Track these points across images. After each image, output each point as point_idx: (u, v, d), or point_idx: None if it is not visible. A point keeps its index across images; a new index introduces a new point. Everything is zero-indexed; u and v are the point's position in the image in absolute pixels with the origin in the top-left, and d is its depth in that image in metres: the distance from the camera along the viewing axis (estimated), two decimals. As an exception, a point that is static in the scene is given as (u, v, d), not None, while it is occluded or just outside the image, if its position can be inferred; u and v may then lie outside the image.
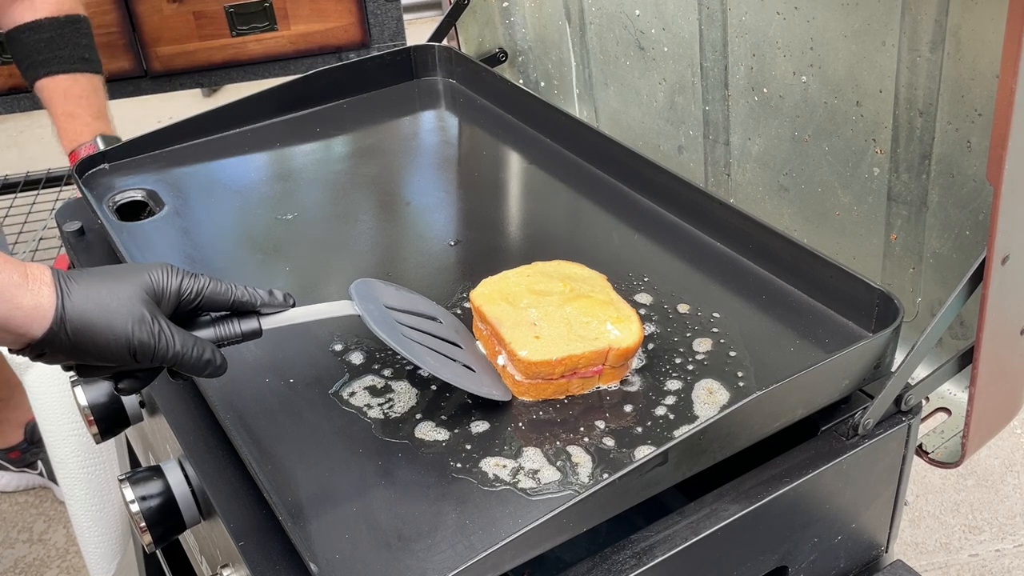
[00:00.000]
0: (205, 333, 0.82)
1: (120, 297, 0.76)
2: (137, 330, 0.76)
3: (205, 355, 0.80)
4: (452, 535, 0.77)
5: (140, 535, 0.89)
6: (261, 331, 0.84)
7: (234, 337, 0.83)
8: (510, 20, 1.53)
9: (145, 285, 0.78)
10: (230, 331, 0.83)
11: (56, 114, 1.57)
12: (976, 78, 0.93)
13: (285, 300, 0.85)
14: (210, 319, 0.83)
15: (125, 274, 0.79)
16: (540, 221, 1.20)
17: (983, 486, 2.12)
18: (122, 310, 0.76)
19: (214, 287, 0.82)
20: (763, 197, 1.24)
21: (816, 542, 0.90)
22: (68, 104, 1.56)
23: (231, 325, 0.83)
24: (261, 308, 0.84)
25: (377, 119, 1.41)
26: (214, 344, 0.82)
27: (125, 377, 0.81)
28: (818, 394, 0.86)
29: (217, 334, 0.82)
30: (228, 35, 2.18)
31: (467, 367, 0.91)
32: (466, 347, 0.94)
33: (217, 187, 1.27)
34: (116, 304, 0.76)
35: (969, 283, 0.84)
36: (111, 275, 0.78)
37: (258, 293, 0.84)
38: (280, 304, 0.85)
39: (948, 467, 0.97)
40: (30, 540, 2.15)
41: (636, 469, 0.76)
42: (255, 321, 0.84)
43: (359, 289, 0.89)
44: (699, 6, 1.21)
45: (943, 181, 1.01)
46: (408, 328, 0.90)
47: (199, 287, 0.81)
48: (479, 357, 0.94)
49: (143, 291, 0.78)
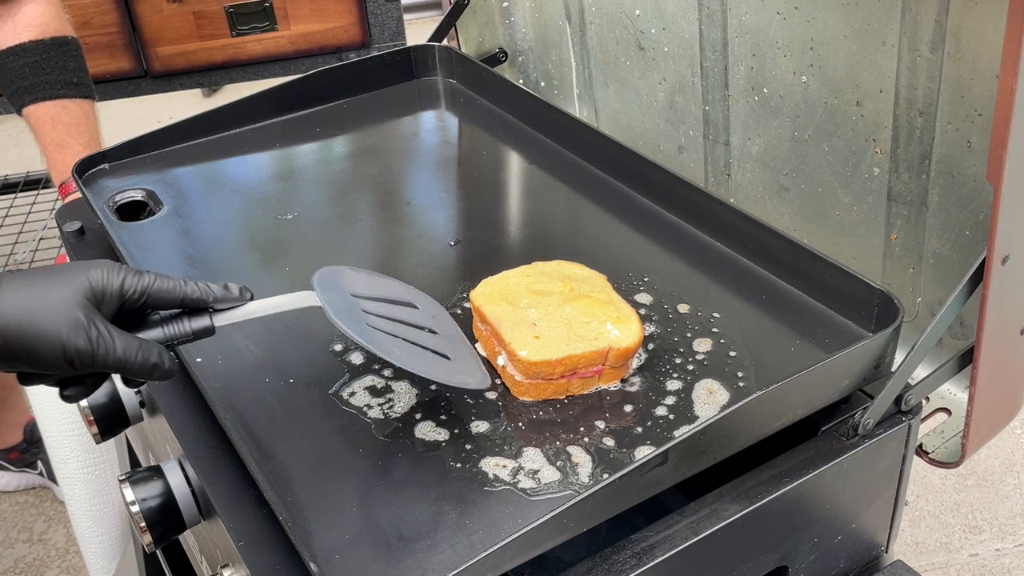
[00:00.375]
0: (152, 334, 0.78)
1: (53, 302, 0.72)
2: (72, 336, 0.72)
3: (151, 359, 0.76)
4: (452, 535, 0.77)
5: (140, 535, 0.89)
6: (214, 328, 0.80)
7: (184, 336, 0.79)
8: (510, 20, 1.53)
9: (82, 287, 0.74)
10: (179, 330, 0.79)
11: (45, 144, 1.48)
12: (976, 78, 0.93)
13: (241, 294, 0.81)
14: (159, 318, 0.79)
15: (61, 276, 0.74)
16: (540, 221, 1.20)
17: (983, 486, 2.12)
18: (55, 316, 0.72)
19: (160, 284, 0.78)
20: (763, 197, 1.24)
21: (816, 542, 0.90)
22: (57, 133, 1.48)
23: (181, 324, 0.79)
24: (214, 304, 0.80)
25: (377, 119, 1.41)
26: (163, 345, 0.78)
27: (70, 384, 0.77)
28: (818, 394, 0.86)
29: (165, 334, 0.78)
30: (228, 35, 2.18)
31: (441, 355, 0.86)
32: (442, 332, 0.90)
33: (217, 187, 1.27)
34: (49, 309, 0.72)
35: (969, 283, 0.84)
36: (45, 277, 0.74)
37: (210, 289, 0.80)
38: (235, 299, 0.81)
39: (948, 467, 0.97)
40: (30, 540, 2.15)
41: (636, 469, 0.76)
42: (207, 318, 0.80)
43: (323, 278, 0.85)
44: (699, 6, 1.21)
45: (943, 181, 1.01)
46: (376, 317, 0.86)
47: (143, 285, 0.77)
48: (457, 342, 0.90)
49: (80, 294, 0.73)
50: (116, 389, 1.04)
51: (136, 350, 0.75)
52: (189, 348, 0.95)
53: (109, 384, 1.04)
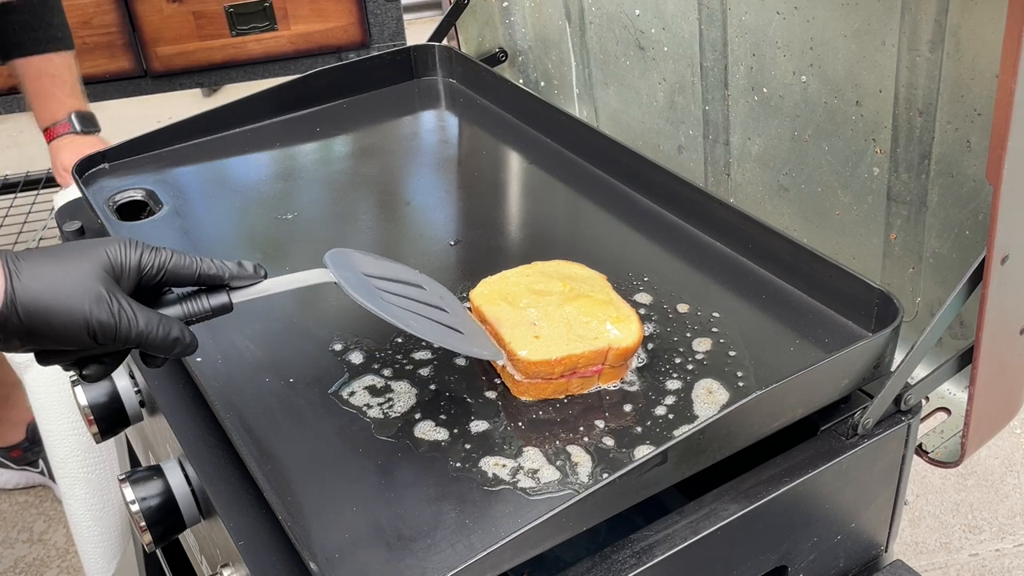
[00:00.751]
0: (171, 310, 0.78)
1: (75, 276, 0.72)
2: (95, 310, 0.71)
3: (172, 333, 0.76)
4: (452, 534, 0.77)
5: (140, 535, 0.89)
6: (232, 305, 0.80)
7: (203, 313, 0.79)
8: (510, 20, 1.53)
9: (102, 262, 0.74)
10: (198, 307, 0.79)
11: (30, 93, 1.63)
12: (976, 78, 0.93)
13: (256, 271, 0.81)
14: (177, 296, 0.79)
15: (80, 251, 0.74)
16: (540, 221, 1.20)
17: (983, 486, 2.12)
18: (78, 289, 0.71)
19: (178, 260, 0.78)
20: (763, 197, 1.24)
21: (816, 542, 0.90)
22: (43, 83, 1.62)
23: (199, 301, 0.79)
24: (230, 281, 0.80)
25: (377, 119, 1.41)
26: (182, 321, 0.78)
27: (89, 362, 0.77)
28: (818, 394, 0.86)
29: (185, 311, 0.78)
30: (228, 35, 2.18)
31: (454, 329, 0.87)
32: (452, 311, 0.90)
33: (217, 187, 1.27)
34: (70, 283, 0.71)
35: (969, 283, 0.84)
36: (65, 253, 0.74)
37: (226, 265, 0.80)
38: (251, 276, 0.81)
39: (948, 467, 0.97)
40: (30, 540, 2.15)
41: (636, 469, 0.76)
42: (225, 295, 0.80)
43: (334, 258, 0.85)
44: (699, 6, 1.21)
45: (943, 181, 1.01)
46: (390, 294, 0.86)
47: (161, 261, 0.77)
48: (466, 320, 0.91)
49: (100, 268, 0.73)
50: (116, 389, 1.04)
51: (157, 324, 0.75)
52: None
53: (109, 384, 1.04)
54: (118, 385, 1.05)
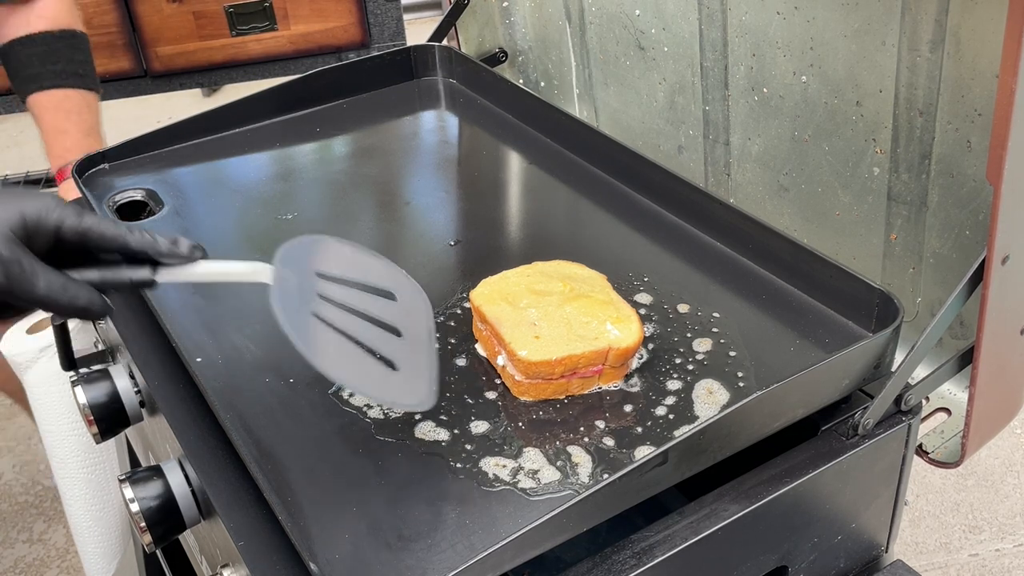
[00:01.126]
0: (87, 275, 0.75)
1: None
2: None
3: (79, 301, 0.74)
4: (452, 535, 0.77)
5: (140, 535, 0.89)
6: (154, 281, 0.77)
7: (121, 283, 0.76)
8: (510, 20, 1.53)
9: (11, 221, 0.72)
10: (117, 276, 0.76)
11: (45, 129, 1.51)
12: (976, 78, 0.93)
13: (191, 253, 0.78)
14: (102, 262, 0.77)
15: None
16: (540, 221, 1.20)
17: (983, 486, 2.12)
18: None
19: (102, 228, 0.75)
20: (763, 197, 1.24)
21: (816, 542, 0.90)
22: (58, 119, 1.51)
23: (120, 271, 0.76)
24: (158, 256, 0.77)
25: (377, 119, 1.41)
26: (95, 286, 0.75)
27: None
28: (818, 394, 0.86)
29: (102, 277, 0.76)
30: (228, 35, 2.18)
31: (388, 362, 0.79)
32: (408, 334, 0.81)
33: (217, 187, 1.27)
34: None
35: (969, 283, 0.84)
36: None
37: (156, 241, 0.77)
38: (182, 255, 0.77)
39: (948, 467, 0.97)
40: (30, 540, 2.15)
41: (636, 469, 0.76)
42: (147, 270, 0.77)
43: (292, 250, 0.80)
44: (699, 6, 1.21)
45: (943, 181, 1.01)
46: (330, 305, 0.79)
47: (84, 226, 0.75)
48: (417, 350, 0.82)
49: (7, 228, 0.71)
50: (116, 389, 1.04)
51: (60, 288, 0.73)
52: (189, 347, 0.95)
53: (109, 384, 1.04)
54: (118, 385, 1.05)
